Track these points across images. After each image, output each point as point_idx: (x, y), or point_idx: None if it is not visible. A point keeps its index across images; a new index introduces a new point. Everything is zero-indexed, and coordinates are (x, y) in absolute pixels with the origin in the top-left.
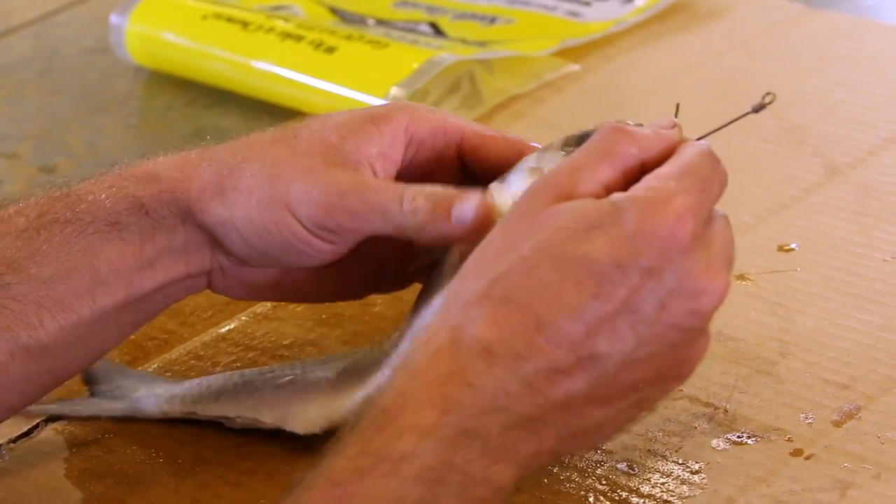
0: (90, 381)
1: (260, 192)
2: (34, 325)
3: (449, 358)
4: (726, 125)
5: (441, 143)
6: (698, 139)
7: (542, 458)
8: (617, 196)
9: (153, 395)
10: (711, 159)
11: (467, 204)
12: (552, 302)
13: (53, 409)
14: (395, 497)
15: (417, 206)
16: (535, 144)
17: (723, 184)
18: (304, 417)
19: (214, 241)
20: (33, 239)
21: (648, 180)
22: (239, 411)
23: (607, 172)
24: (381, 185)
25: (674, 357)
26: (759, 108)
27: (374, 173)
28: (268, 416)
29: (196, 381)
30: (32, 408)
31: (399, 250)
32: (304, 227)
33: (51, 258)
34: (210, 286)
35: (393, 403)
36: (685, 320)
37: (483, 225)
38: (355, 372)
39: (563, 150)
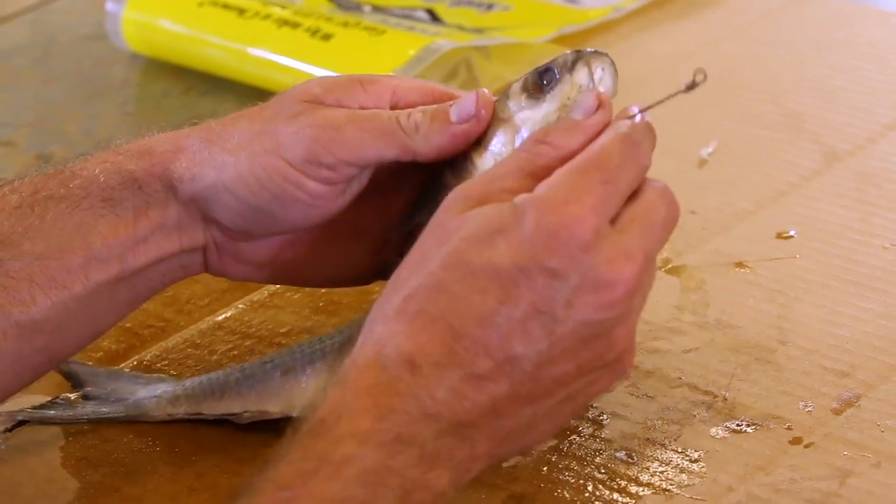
0: (79, 385)
1: (250, 147)
2: (26, 302)
3: (376, 371)
4: (656, 104)
5: (430, 101)
6: (638, 112)
7: (479, 462)
8: (519, 198)
9: (154, 398)
10: (624, 146)
11: (465, 100)
12: (463, 312)
13: (50, 415)
14: (339, 498)
15: (416, 120)
16: None
17: (638, 169)
18: (312, 402)
19: (206, 214)
20: (26, 215)
21: (552, 177)
22: (245, 406)
23: (522, 180)
24: (374, 113)
25: (592, 350)
26: (691, 87)
27: None
28: (274, 406)
29: (196, 379)
30: (26, 413)
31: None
32: (296, 168)
33: (44, 234)
34: (206, 266)
35: (329, 414)
36: (595, 314)
37: (487, 111)
38: (352, 347)
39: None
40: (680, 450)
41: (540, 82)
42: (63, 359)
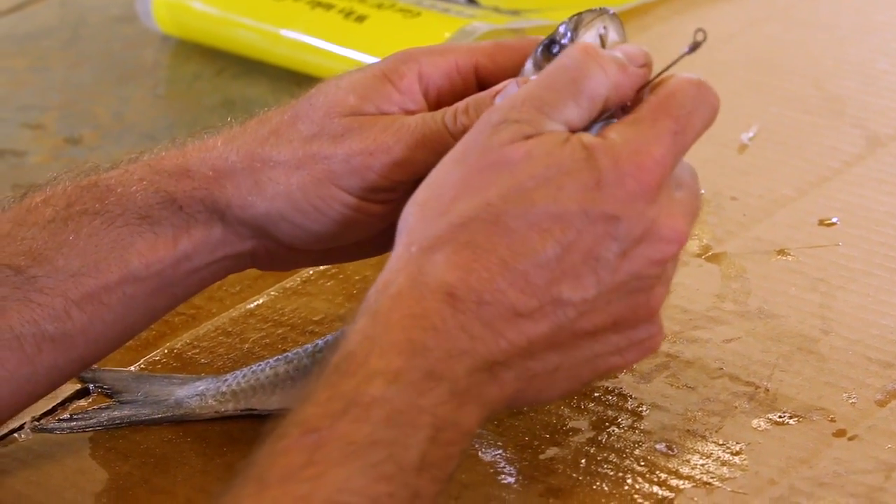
0: (111, 392)
1: (299, 176)
2: (62, 318)
3: (411, 302)
4: (663, 72)
5: (458, 80)
6: (650, 81)
7: (501, 403)
8: (589, 141)
9: (197, 396)
10: (697, 91)
11: (509, 88)
12: (518, 248)
13: (92, 423)
14: (369, 441)
15: (464, 123)
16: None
17: (708, 112)
18: None
19: (262, 233)
20: (60, 230)
21: (624, 125)
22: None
23: (573, 112)
24: (419, 121)
25: (630, 305)
26: (694, 48)
27: None
28: None
29: (238, 374)
30: (67, 424)
31: None
32: (355, 196)
33: (79, 251)
34: (254, 265)
35: (359, 347)
36: (645, 269)
37: None
38: None
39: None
40: (721, 442)
41: (550, 53)
42: (96, 363)
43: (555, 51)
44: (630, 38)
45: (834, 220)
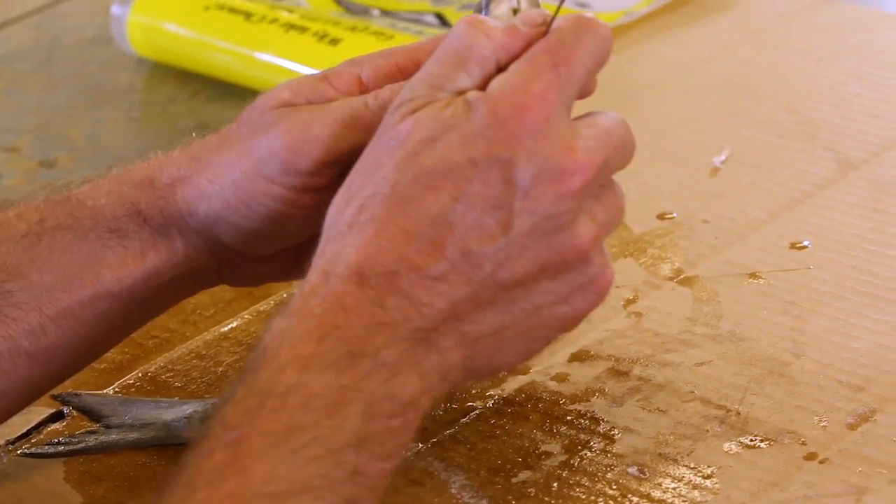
0: (97, 417)
1: (231, 173)
2: (37, 334)
3: (322, 291)
4: (556, 11)
5: (400, 80)
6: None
7: (455, 372)
8: (471, 93)
9: (184, 418)
10: (578, 27)
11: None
12: (415, 214)
13: (80, 448)
14: (288, 428)
15: (384, 98)
16: None
17: (594, 43)
18: None
19: (212, 240)
20: (34, 245)
21: (505, 72)
22: None
23: (465, 80)
24: (341, 103)
25: (552, 247)
26: None
27: None
28: None
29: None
30: (54, 448)
31: None
32: (277, 183)
33: (52, 266)
34: (223, 280)
35: (271, 342)
36: (553, 206)
37: None
38: None
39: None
40: (692, 465)
41: None
42: (70, 376)
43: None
44: None
45: (805, 243)
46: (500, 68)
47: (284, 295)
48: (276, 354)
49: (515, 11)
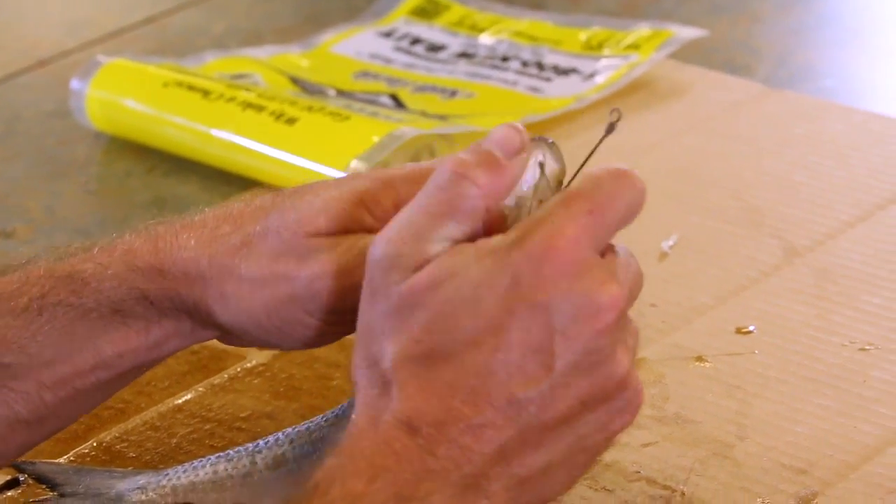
0: (51, 485)
1: (262, 294)
2: (34, 402)
3: (371, 435)
4: (588, 158)
5: None
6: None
7: None
8: (496, 243)
9: (138, 489)
10: (613, 176)
11: None
12: (459, 368)
13: None
14: None
15: None
16: None
17: (630, 194)
18: None
19: (227, 333)
20: (34, 319)
21: (534, 216)
22: (237, 500)
23: (455, 229)
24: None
25: (593, 381)
26: (610, 129)
27: None
28: (269, 503)
29: (181, 468)
30: None
31: None
32: (317, 318)
33: (52, 340)
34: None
35: (323, 479)
36: (592, 342)
37: None
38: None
39: None
40: None
41: None
42: (61, 431)
43: None
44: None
45: (751, 328)
46: (491, 212)
47: (238, 369)
48: (327, 490)
49: (541, 166)
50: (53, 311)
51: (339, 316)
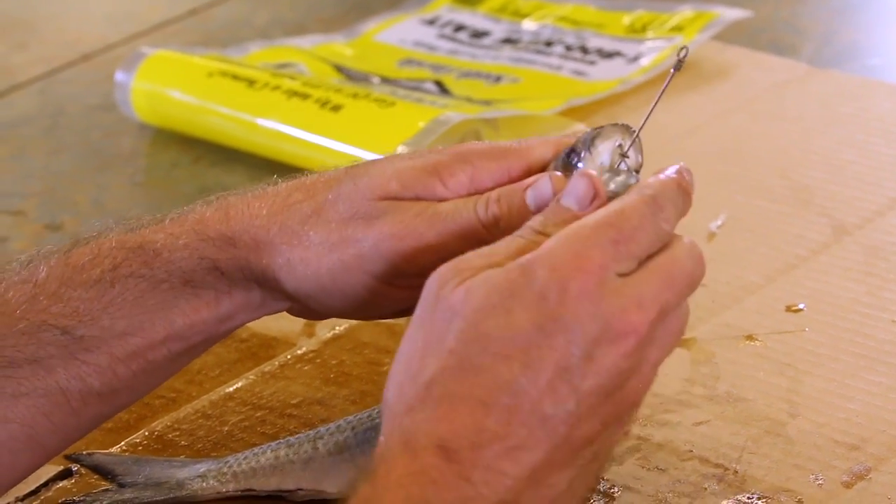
0: (110, 476)
1: (330, 258)
2: (107, 374)
3: (405, 461)
4: (657, 100)
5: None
6: (639, 129)
7: None
8: (524, 257)
9: (199, 477)
10: (646, 208)
11: (541, 186)
12: (490, 385)
13: None
14: None
15: (495, 213)
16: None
17: (657, 234)
18: None
19: (295, 300)
20: (107, 291)
21: (561, 232)
22: (299, 484)
23: (511, 242)
24: (451, 209)
25: (612, 404)
26: (678, 66)
27: None
28: (331, 486)
29: (240, 456)
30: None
31: None
32: (383, 281)
33: (125, 312)
34: (290, 313)
35: None
36: (616, 365)
37: (559, 189)
38: None
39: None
40: None
41: (569, 163)
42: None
43: (573, 161)
44: None
45: (801, 306)
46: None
47: (288, 356)
48: None
49: (622, 155)
50: (125, 282)
51: (405, 280)
